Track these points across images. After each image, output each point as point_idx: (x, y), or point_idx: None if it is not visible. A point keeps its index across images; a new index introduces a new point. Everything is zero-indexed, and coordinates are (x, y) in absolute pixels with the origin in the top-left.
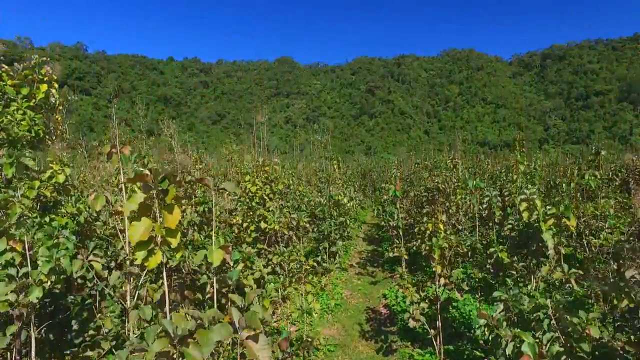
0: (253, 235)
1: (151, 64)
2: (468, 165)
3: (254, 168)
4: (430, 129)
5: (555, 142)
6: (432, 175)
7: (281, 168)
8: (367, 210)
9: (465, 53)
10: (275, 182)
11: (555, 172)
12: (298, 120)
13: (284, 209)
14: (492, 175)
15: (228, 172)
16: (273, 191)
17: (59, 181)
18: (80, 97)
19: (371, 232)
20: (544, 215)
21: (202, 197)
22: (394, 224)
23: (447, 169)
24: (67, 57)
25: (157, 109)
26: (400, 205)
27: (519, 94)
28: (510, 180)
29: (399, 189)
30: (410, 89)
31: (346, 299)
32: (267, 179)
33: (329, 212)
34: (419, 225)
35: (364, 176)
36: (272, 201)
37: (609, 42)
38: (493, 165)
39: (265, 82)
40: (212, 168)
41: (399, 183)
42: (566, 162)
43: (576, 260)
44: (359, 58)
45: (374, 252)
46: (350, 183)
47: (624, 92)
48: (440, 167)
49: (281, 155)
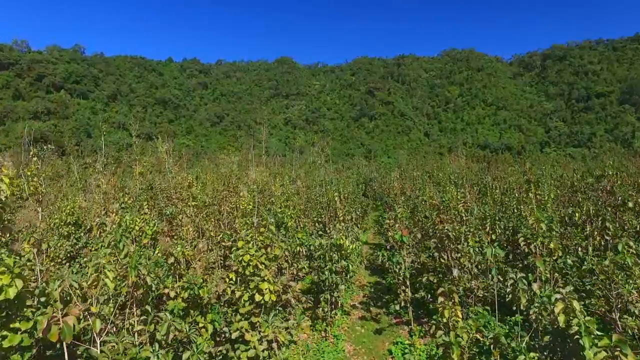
0: (247, 308)
1: (150, 65)
2: (474, 195)
3: (248, 232)
4: (431, 130)
5: (557, 145)
6: (440, 214)
7: (279, 186)
8: (367, 223)
9: (465, 53)
10: (271, 247)
11: (569, 204)
12: (297, 122)
13: (278, 281)
14: (500, 201)
15: (225, 202)
16: (269, 258)
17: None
18: (77, 101)
19: (374, 257)
20: (585, 325)
21: (188, 281)
22: (401, 275)
23: (456, 210)
24: (64, 60)
25: (155, 111)
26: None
27: (520, 95)
28: (521, 214)
29: (406, 234)
30: (410, 90)
31: (349, 356)
32: (262, 242)
33: (329, 256)
34: (427, 274)
35: (365, 186)
36: (268, 269)
37: (609, 42)
38: (500, 187)
39: (264, 83)
40: (207, 200)
41: (406, 230)
42: (573, 174)
43: None
44: (358, 58)
45: (377, 285)
46: (352, 207)
47: (626, 93)
48: (448, 205)
49: (280, 157)
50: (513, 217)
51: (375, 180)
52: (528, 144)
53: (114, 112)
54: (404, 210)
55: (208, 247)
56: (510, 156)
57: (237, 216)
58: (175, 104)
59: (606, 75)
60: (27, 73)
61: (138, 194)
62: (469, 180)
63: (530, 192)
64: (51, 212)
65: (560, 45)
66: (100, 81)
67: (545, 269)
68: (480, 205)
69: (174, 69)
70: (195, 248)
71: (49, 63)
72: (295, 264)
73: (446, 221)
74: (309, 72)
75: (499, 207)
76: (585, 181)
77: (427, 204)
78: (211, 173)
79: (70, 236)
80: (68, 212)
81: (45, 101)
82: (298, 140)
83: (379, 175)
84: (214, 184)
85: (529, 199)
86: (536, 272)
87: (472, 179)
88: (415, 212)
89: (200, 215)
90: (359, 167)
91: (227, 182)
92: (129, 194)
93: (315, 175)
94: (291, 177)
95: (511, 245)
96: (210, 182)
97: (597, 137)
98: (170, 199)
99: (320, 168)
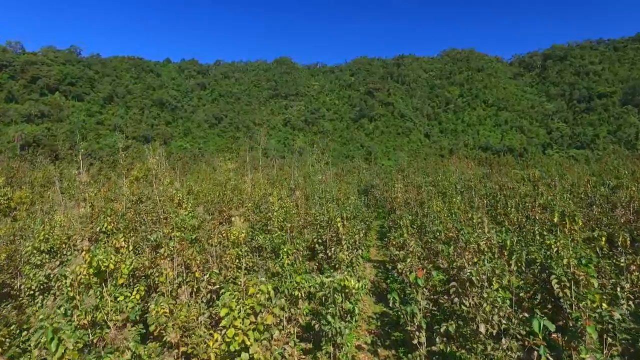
0: None
1: (148, 66)
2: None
3: (234, 295)
4: (431, 131)
5: (559, 147)
6: (457, 250)
7: (277, 199)
8: (370, 237)
9: (465, 53)
10: (262, 313)
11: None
12: (297, 123)
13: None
14: (519, 225)
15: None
16: (259, 330)
17: None
18: (72, 103)
19: (378, 278)
20: None
21: None
22: (415, 324)
23: (476, 243)
24: (59, 62)
25: (152, 113)
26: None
27: (521, 96)
28: (544, 242)
29: (421, 274)
30: (410, 90)
31: None
32: (252, 309)
33: (333, 298)
34: (447, 323)
35: (366, 192)
36: (258, 342)
37: (610, 42)
38: (517, 207)
39: (263, 83)
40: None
41: (421, 269)
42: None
43: None
44: (358, 58)
45: (384, 317)
46: (355, 228)
47: (628, 94)
48: (465, 236)
49: (279, 160)
50: (533, 243)
51: (377, 187)
52: (530, 145)
53: (109, 114)
54: (413, 233)
55: (193, 289)
56: (512, 158)
57: (227, 246)
58: (173, 106)
59: (608, 75)
60: (20, 75)
61: (124, 212)
62: (477, 192)
63: (549, 217)
64: (26, 235)
65: (561, 45)
66: (97, 83)
67: (595, 332)
68: (494, 227)
69: (172, 69)
70: (177, 300)
71: (44, 64)
72: (292, 307)
73: (467, 260)
74: (308, 73)
75: (517, 230)
76: (599, 191)
77: (442, 234)
78: (207, 180)
79: (45, 266)
80: (42, 239)
81: (39, 104)
82: (297, 141)
83: (381, 181)
84: (208, 195)
85: (563, 234)
86: (569, 319)
87: (479, 189)
88: (423, 231)
89: (185, 252)
90: (359, 171)
91: (221, 192)
92: (113, 214)
93: (314, 182)
94: (290, 186)
95: (538, 283)
96: (203, 193)
97: (600, 138)
98: (157, 220)
99: (321, 184)
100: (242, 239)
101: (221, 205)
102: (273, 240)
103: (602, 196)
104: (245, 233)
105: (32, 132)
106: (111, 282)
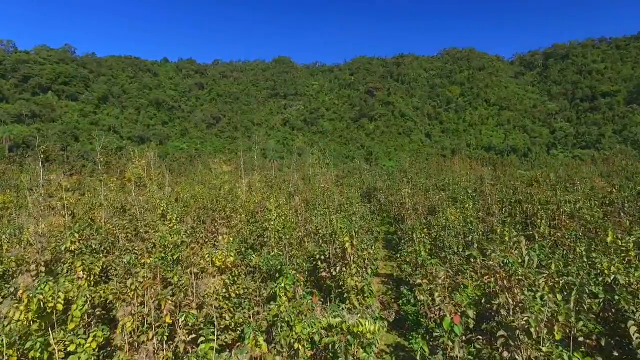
0: None
1: (145, 66)
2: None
3: None
4: (432, 131)
5: (564, 147)
6: (496, 280)
7: (275, 207)
8: (377, 247)
9: (465, 52)
10: None
11: None
12: (296, 123)
13: None
14: (554, 241)
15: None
16: None
17: None
18: (65, 103)
19: (388, 297)
20: None
21: None
22: None
23: (524, 276)
24: (52, 61)
25: (149, 113)
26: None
27: (523, 95)
28: (600, 266)
29: (458, 321)
30: (411, 90)
31: None
32: None
33: (344, 349)
34: None
35: (369, 196)
36: None
37: (612, 41)
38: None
39: (262, 83)
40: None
41: (457, 315)
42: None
43: None
44: (357, 58)
45: (400, 351)
46: (364, 244)
47: (633, 93)
48: (515, 272)
49: (278, 161)
50: (584, 271)
51: (380, 190)
52: (534, 145)
53: (104, 114)
54: (431, 249)
55: (164, 337)
56: (516, 159)
57: (213, 274)
58: (170, 106)
59: (611, 74)
60: (12, 74)
61: (100, 225)
62: (492, 197)
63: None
64: None
65: (562, 44)
66: (91, 82)
67: None
68: (533, 250)
69: (170, 69)
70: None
71: (36, 64)
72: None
73: (515, 300)
74: (308, 72)
75: (553, 247)
76: (624, 195)
77: (480, 265)
78: (201, 184)
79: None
80: None
81: (30, 103)
82: (297, 141)
83: (384, 184)
84: (201, 200)
85: (618, 257)
86: None
87: (493, 193)
88: (439, 245)
89: (154, 289)
90: (361, 172)
91: (215, 198)
92: (87, 226)
93: (315, 186)
94: (289, 190)
95: (601, 324)
96: (195, 199)
97: (606, 138)
98: (134, 236)
99: (323, 191)
100: (229, 264)
101: (213, 214)
102: (269, 261)
103: (635, 204)
104: (235, 255)
105: (21, 132)
106: (60, 326)
